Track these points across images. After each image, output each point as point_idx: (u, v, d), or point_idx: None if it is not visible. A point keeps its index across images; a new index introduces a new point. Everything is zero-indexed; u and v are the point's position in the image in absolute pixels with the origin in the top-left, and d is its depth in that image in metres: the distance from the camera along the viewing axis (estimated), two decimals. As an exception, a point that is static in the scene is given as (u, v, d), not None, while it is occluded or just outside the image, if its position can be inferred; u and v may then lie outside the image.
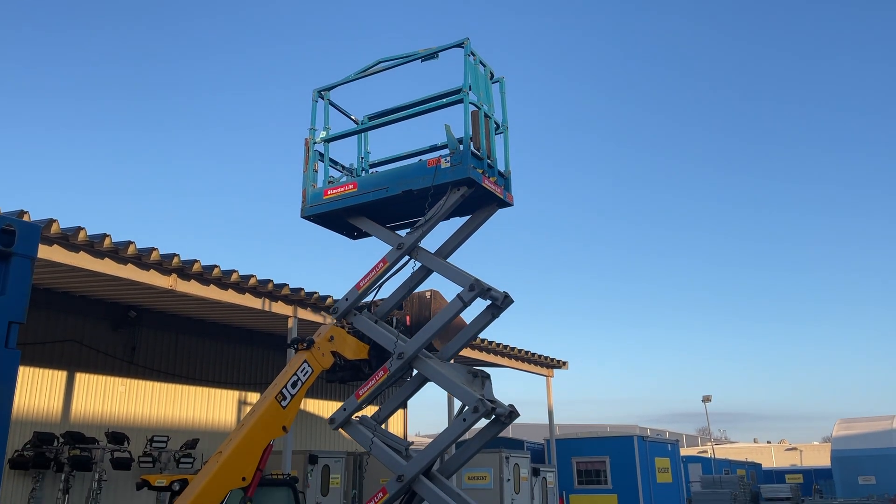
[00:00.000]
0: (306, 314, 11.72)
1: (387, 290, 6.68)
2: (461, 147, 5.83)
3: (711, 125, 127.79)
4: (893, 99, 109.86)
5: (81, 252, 8.52)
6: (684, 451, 35.86)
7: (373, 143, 7.13)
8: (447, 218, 6.20)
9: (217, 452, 6.11)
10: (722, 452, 49.20)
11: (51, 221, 7.94)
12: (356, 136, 7.06)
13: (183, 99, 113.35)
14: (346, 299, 6.27)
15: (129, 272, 9.09)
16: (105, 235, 8.52)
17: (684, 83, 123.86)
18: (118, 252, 8.78)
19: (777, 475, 37.56)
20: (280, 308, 11.26)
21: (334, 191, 6.37)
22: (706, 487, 26.77)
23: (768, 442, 70.81)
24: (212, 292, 10.17)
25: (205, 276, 9.91)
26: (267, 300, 11.04)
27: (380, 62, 6.47)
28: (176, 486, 7.52)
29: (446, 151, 5.98)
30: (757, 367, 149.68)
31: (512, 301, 5.82)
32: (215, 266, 9.93)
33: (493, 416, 5.75)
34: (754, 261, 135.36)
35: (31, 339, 10.90)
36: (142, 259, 9.08)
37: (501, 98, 6.53)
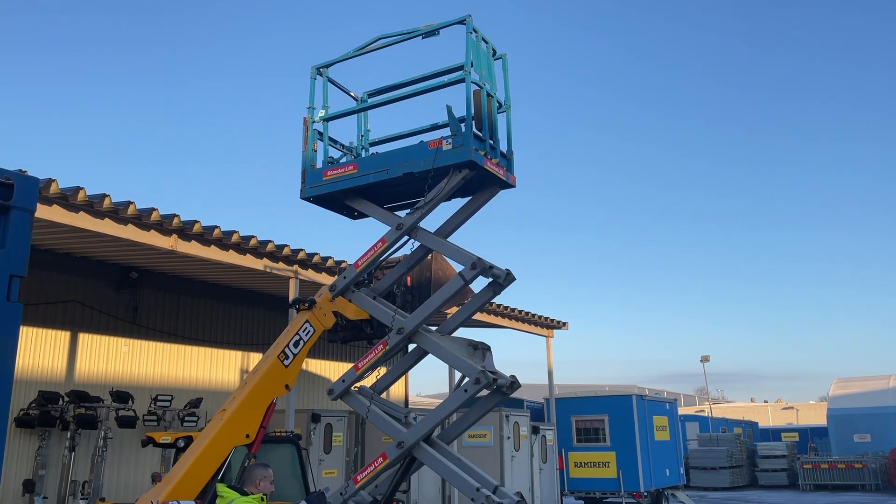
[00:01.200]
0: (308, 275, 11.73)
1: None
2: (463, 129, 5.69)
3: (710, 80, 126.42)
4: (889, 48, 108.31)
5: (81, 212, 8.46)
6: (682, 410, 36.27)
7: (373, 118, 6.97)
8: (448, 199, 6.11)
9: (221, 410, 6.18)
10: (719, 411, 49.79)
11: (50, 181, 7.85)
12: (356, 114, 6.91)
13: (183, 54, 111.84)
14: (345, 277, 6.22)
15: (130, 232, 9.05)
16: (105, 195, 8.46)
17: (683, 36, 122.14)
18: (118, 212, 8.73)
19: (773, 433, 38.03)
20: (281, 269, 11.27)
21: (334, 172, 6.25)
22: (703, 445, 27.19)
23: (765, 401, 71.65)
24: (213, 253, 10.13)
25: (205, 236, 9.87)
26: (268, 261, 11.04)
27: (380, 38, 6.29)
28: (181, 443, 7.62)
29: (447, 131, 5.84)
30: (755, 328, 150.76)
31: (514, 279, 5.77)
32: (216, 227, 9.88)
33: (495, 388, 5.79)
34: (752, 221, 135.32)
35: (33, 300, 10.94)
36: (142, 219, 9.03)
37: (504, 76, 6.35)
